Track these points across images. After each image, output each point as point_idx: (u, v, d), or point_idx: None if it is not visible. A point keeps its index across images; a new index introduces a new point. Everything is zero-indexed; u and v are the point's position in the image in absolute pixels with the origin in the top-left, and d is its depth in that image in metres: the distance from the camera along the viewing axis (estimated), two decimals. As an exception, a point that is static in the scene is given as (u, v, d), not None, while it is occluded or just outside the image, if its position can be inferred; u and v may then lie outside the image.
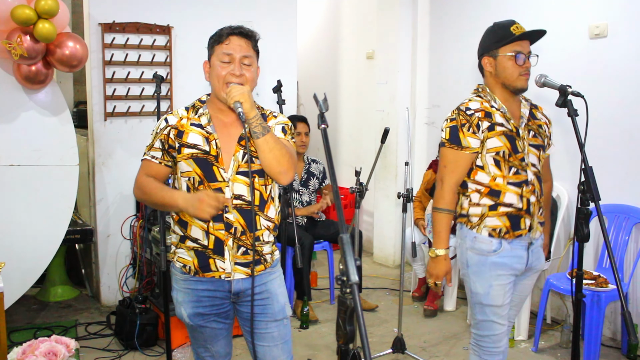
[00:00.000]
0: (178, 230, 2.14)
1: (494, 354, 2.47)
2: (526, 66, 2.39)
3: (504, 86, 2.44)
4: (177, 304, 2.18)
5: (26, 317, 4.18)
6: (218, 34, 2.10)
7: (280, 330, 2.17)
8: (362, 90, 6.06)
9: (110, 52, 4.24)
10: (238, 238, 2.08)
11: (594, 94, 3.54)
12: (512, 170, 2.39)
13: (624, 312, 2.02)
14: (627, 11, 3.68)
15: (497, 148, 2.38)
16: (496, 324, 2.44)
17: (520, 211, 2.39)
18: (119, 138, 4.35)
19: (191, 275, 2.12)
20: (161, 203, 2.08)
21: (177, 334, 3.57)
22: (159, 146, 2.12)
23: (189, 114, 2.13)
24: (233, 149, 2.09)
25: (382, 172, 5.43)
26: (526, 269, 2.47)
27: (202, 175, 2.06)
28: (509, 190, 2.38)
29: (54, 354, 2.23)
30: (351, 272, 1.34)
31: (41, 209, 3.73)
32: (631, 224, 3.66)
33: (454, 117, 2.43)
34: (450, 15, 5.02)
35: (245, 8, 4.74)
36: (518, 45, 2.39)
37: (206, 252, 2.08)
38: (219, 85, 2.07)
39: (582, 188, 2.25)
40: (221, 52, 2.07)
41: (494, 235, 2.40)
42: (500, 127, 2.39)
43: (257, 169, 2.10)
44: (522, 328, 3.83)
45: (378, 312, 4.38)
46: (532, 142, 2.45)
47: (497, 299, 2.42)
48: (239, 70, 2.05)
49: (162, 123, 2.13)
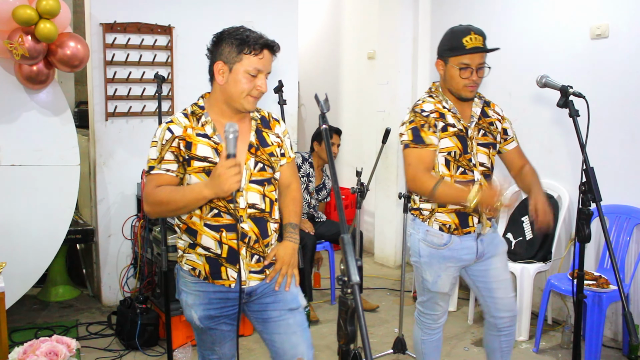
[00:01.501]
0: (187, 238, 2.09)
1: (433, 329, 2.74)
2: (472, 79, 2.44)
3: (451, 92, 2.52)
4: (186, 306, 2.13)
5: (27, 317, 4.18)
6: (252, 44, 1.98)
7: (297, 318, 2.12)
8: (363, 91, 6.06)
9: (111, 52, 4.24)
10: (251, 246, 2.05)
11: (595, 95, 3.54)
12: (459, 170, 2.49)
13: (625, 312, 2.02)
14: (629, 12, 3.67)
15: (449, 148, 2.47)
16: (438, 306, 2.68)
17: (467, 209, 2.45)
18: (120, 138, 4.36)
19: (201, 279, 2.08)
20: (184, 204, 1.95)
21: (177, 334, 3.57)
22: (172, 158, 2.00)
23: (191, 122, 2.04)
24: (243, 157, 2.04)
25: (383, 172, 5.43)
26: (478, 258, 2.58)
27: None
28: None
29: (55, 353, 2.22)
30: (352, 272, 1.34)
31: (42, 209, 3.73)
32: (632, 225, 3.65)
33: (412, 119, 2.51)
34: (451, 15, 5.02)
35: (247, 8, 4.74)
36: (467, 57, 2.42)
37: (219, 260, 2.04)
38: (240, 96, 2.01)
39: (584, 189, 2.26)
40: (253, 65, 1.98)
41: (444, 230, 2.53)
42: (452, 128, 2.48)
43: (268, 177, 2.10)
44: (523, 329, 3.82)
45: (379, 313, 4.37)
46: (481, 140, 2.54)
47: (444, 287, 2.61)
48: (265, 85, 2.02)
49: (166, 134, 2.01)
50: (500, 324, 2.65)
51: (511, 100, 4.32)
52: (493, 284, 2.62)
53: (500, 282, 2.63)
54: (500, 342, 2.70)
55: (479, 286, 2.66)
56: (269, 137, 2.15)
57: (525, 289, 3.77)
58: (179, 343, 3.57)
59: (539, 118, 4.17)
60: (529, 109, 4.24)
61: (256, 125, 2.13)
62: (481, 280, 2.64)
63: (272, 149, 2.14)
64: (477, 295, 2.72)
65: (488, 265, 2.61)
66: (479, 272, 2.63)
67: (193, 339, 3.63)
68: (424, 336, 2.75)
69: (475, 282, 2.67)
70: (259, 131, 2.13)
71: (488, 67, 2.48)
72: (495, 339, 2.70)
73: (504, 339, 2.69)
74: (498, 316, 2.64)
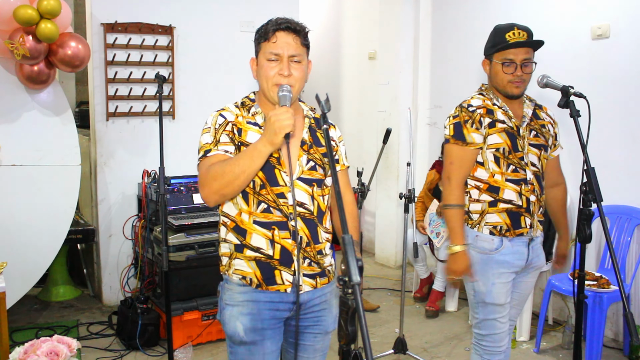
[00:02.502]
0: (233, 238, 1.94)
1: (495, 354, 2.48)
2: (517, 74, 2.39)
3: (497, 90, 2.47)
4: (230, 319, 1.94)
5: (28, 317, 4.18)
6: (264, 30, 1.95)
7: (325, 342, 2.07)
8: (364, 91, 6.06)
9: (112, 52, 4.25)
10: (303, 249, 1.94)
11: (596, 95, 3.54)
12: (510, 168, 2.42)
13: (626, 313, 2.02)
14: (630, 12, 3.67)
15: (498, 145, 2.41)
16: (498, 323, 2.46)
17: (520, 209, 2.41)
18: (121, 138, 4.36)
19: (253, 288, 1.92)
20: (240, 168, 1.79)
21: (178, 334, 3.57)
22: (228, 140, 1.91)
23: (242, 112, 1.99)
24: (296, 152, 1.96)
25: (384, 172, 5.43)
26: (526, 266, 2.48)
27: (265, 179, 1.90)
28: (507, 187, 2.41)
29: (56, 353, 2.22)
30: (353, 272, 1.34)
31: (43, 209, 3.73)
32: (633, 225, 3.65)
33: (457, 114, 2.45)
34: (452, 15, 5.02)
35: (247, 8, 4.73)
36: (511, 53, 2.39)
37: (271, 262, 1.91)
38: (267, 86, 1.94)
39: (584, 189, 2.25)
40: (268, 50, 1.92)
41: (495, 233, 2.42)
42: (501, 124, 2.41)
43: (318, 178, 1.99)
44: (523, 329, 3.82)
45: (380, 313, 4.37)
46: (533, 141, 2.47)
47: (500, 298, 2.43)
48: (287, 70, 1.91)
49: (218, 119, 1.95)
50: None
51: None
52: (514, 295, 2.54)
53: (521, 296, 2.58)
54: None
55: None
56: (323, 138, 2.03)
57: (526, 289, 3.77)
58: (180, 343, 3.57)
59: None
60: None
61: (310, 123, 2.05)
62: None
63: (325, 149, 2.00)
64: None
65: (524, 277, 2.53)
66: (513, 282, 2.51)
67: (194, 339, 3.64)
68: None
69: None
70: (313, 130, 2.04)
71: (534, 62, 2.43)
72: None
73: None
74: None
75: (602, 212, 2.21)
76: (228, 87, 4.53)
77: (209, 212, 3.97)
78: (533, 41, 2.40)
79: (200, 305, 3.67)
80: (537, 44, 2.40)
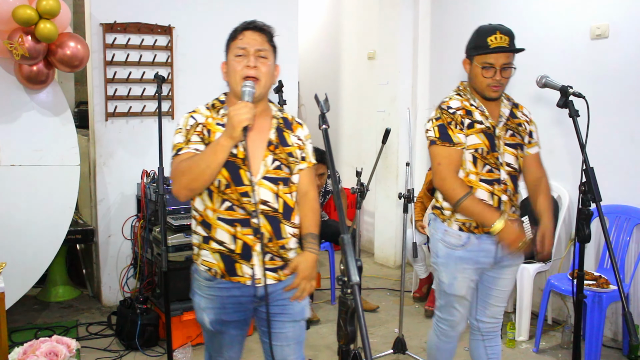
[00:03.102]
0: (201, 230, 2.07)
1: (449, 337, 2.66)
2: (496, 79, 2.41)
3: (476, 91, 2.50)
4: (198, 309, 2.12)
5: (27, 317, 4.18)
6: (232, 32, 2.08)
7: (296, 330, 2.15)
8: (363, 91, 6.06)
9: (111, 52, 4.24)
10: (265, 244, 2.02)
11: (595, 95, 3.54)
12: (485, 168, 2.46)
13: (625, 312, 2.02)
14: (629, 12, 3.67)
15: (476, 145, 2.45)
16: (455, 311, 2.60)
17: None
18: (120, 138, 4.36)
19: (217, 280, 2.05)
20: (205, 163, 1.90)
21: (177, 334, 3.57)
22: (199, 139, 2.01)
23: (212, 113, 2.08)
24: (261, 152, 2.04)
25: (383, 172, 5.43)
26: (496, 263, 2.53)
27: (230, 179, 2.00)
28: (480, 187, 2.46)
29: (55, 354, 2.23)
30: (352, 272, 1.34)
31: (42, 209, 3.73)
32: (632, 225, 3.65)
33: (439, 117, 2.49)
34: (452, 15, 5.02)
35: (246, 8, 4.73)
36: (491, 57, 2.40)
37: (232, 256, 2.02)
38: (235, 80, 2.02)
39: (583, 189, 2.26)
40: (235, 47, 2.04)
41: (464, 229, 2.48)
42: (480, 125, 2.46)
43: (283, 176, 2.07)
44: (523, 329, 3.82)
45: (379, 313, 4.37)
46: (509, 141, 2.51)
47: (460, 290, 2.55)
48: (254, 62, 2.00)
49: (189, 120, 2.06)
50: (484, 328, 2.67)
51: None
52: (494, 292, 2.61)
53: (500, 292, 2.62)
54: (485, 348, 2.69)
55: (479, 288, 2.63)
56: (290, 138, 2.13)
57: (525, 289, 3.77)
58: (179, 343, 3.57)
59: (539, 118, 4.11)
60: (529, 109, 4.22)
61: (277, 124, 2.12)
62: (485, 286, 2.62)
63: (292, 149, 2.11)
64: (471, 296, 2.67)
65: (500, 274, 2.58)
66: (488, 277, 2.59)
67: (193, 339, 3.63)
68: (439, 343, 2.69)
69: (477, 284, 2.62)
70: (280, 130, 2.12)
71: (514, 67, 2.44)
72: (479, 344, 2.70)
73: (488, 344, 2.68)
74: (482, 320, 2.67)
75: (601, 211, 2.22)
76: (227, 87, 4.52)
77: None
78: (514, 48, 2.42)
79: (199, 306, 3.67)
80: (518, 50, 2.43)
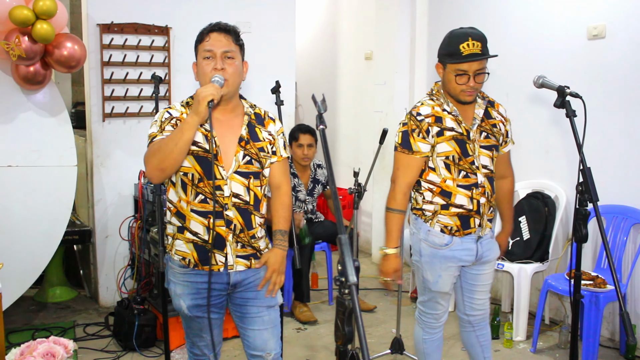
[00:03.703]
0: (175, 221, 2.19)
1: (435, 328, 2.74)
2: (469, 85, 2.42)
3: (450, 95, 2.51)
4: (175, 296, 2.24)
5: (24, 318, 4.17)
6: (200, 34, 2.18)
7: (271, 315, 2.27)
8: (360, 91, 6.06)
9: (108, 53, 4.24)
10: (237, 235, 2.16)
11: (592, 95, 3.54)
12: (461, 174, 2.49)
13: (622, 312, 2.03)
14: (626, 12, 3.68)
15: (447, 152, 2.48)
16: (439, 305, 2.69)
17: (470, 212, 2.51)
18: (117, 139, 4.35)
19: (191, 268, 2.18)
20: (173, 142, 2.01)
21: (175, 334, 3.56)
22: (172, 129, 2.10)
23: (186, 110, 2.18)
24: (233, 148, 2.16)
25: (381, 172, 5.43)
26: (477, 260, 2.61)
27: (202, 173, 2.11)
28: (459, 192, 2.50)
29: (52, 355, 2.22)
30: (350, 272, 1.34)
31: (39, 210, 3.72)
32: (629, 225, 3.66)
33: (406, 122, 2.52)
34: (448, 16, 5.02)
35: (244, 9, 4.73)
36: (464, 65, 2.41)
37: (206, 246, 2.14)
38: (205, 82, 2.12)
39: (581, 189, 2.26)
40: (203, 49, 2.14)
41: (446, 231, 2.54)
42: (450, 132, 2.47)
43: (254, 171, 2.19)
44: (520, 329, 3.83)
45: (376, 313, 4.38)
46: (483, 143, 2.53)
47: (445, 287, 2.62)
48: (220, 64, 2.11)
49: (164, 114, 2.16)
50: (474, 320, 2.76)
51: (508, 101, 4.28)
52: (477, 287, 2.70)
53: (484, 286, 2.72)
54: (477, 337, 2.78)
55: (463, 286, 2.72)
56: (261, 133, 2.25)
57: (523, 289, 3.78)
58: (177, 344, 3.57)
59: (536, 118, 4.18)
60: (526, 110, 4.25)
61: (249, 120, 2.23)
62: (468, 282, 2.70)
63: (263, 144, 2.23)
64: (456, 293, 2.77)
65: (481, 270, 2.67)
66: (470, 274, 2.68)
67: (191, 339, 3.63)
68: (426, 335, 2.77)
69: (461, 281, 2.72)
70: (252, 125, 2.23)
71: (487, 73, 2.46)
72: (471, 334, 2.79)
73: (480, 333, 2.78)
74: (472, 314, 2.75)
75: (598, 211, 2.22)
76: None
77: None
78: (487, 55, 2.42)
79: (197, 306, 3.67)
80: (490, 57, 2.43)
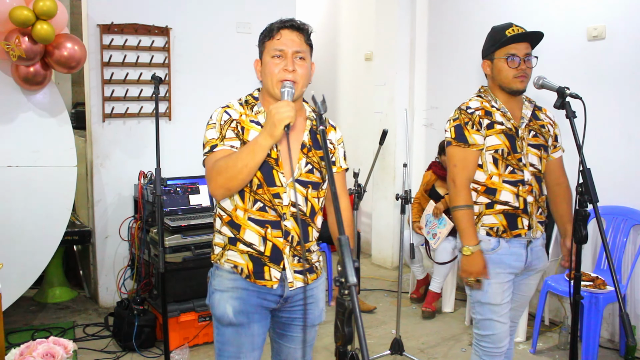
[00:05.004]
0: (227, 231, 1.99)
1: (494, 355, 2.45)
2: (521, 68, 2.40)
3: (502, 88, 2.47)
4: (219, 303, 2.00)
5: (24, 319, 4.17)
6: (268, 29, 1.99)
7: (312, 334, 2.14)
8: (360, 92, 6.07)
9: (108, 53, 4.24)
10: (294, 247, 1.98)
11: (592, 96, 3.54)
12: (508, 169, 2.42)
13: (622, 313, 2.02)
14: (626, 13, 3.68)
15: (496, 146, 2.41)
16: (495, 323, 2.43)
17: (517, 210, 2.41)
18: (117, 139, 4.35)
19: (242, 277, 1.98)
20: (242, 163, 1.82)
21: (175, 335, 3.57)
22: (234, 136, 1.93)
23: (245, 110, 2.00)
24: (296, 155, 1.99)
25: (381, 173, 5.43)
26: (525, 268, 2.48)
27: (262, 179, 1.94)
28: (504, 189, 2.42)
29: (52, 355, 2.22)
30: (349, 273, 1.34)
31: (39, 210, 3.72)
32: (629, 226, 3.66)
33: (457, 117, 2.47)
34: (448, 17, 5.03)
35: (244, 9, 4.73)
36: (513, 47, 2.40)
37: (262, 258, 1.96)
38: (272, 83, 1.95)
39: (580, 190, 2.26)
40: (272, 47, 1.95)
41: (492, 234, 2.43)
42: (500, 126, 2.42)
43: (314, 181, 2.01)
44: (520, 330, 3.82)
45: (376, 314, 4.37)
46: (532, 142, 2.47)
47: (496, 297, 2.42)
48: (292, 65, 1.93)
49: (223, 115, 1.97)
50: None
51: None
52: (516, 297, 2.55)
53: (523, 297, 2.59)
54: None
55: None
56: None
57: (523, 290, 3.77)
58: (176, 344, 3.57)
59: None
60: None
61: (311, 125, 2.06)
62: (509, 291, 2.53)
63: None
64: None
65: (525, 279, 2.54)
66: (514, 283, 2.51)
67: (190, 340, 3.63)
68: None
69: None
70: (313, 132, 2.05)
71: (535, 57, 2.44)
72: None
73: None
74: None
75: (598, 212, 2.22)
76: (224, 88, 4.53)
77: (205, 214, 3.97)
78: (534, 32, 2.41)
79: (196, 307, 3.67)
80: (537, 35, 2.42)
